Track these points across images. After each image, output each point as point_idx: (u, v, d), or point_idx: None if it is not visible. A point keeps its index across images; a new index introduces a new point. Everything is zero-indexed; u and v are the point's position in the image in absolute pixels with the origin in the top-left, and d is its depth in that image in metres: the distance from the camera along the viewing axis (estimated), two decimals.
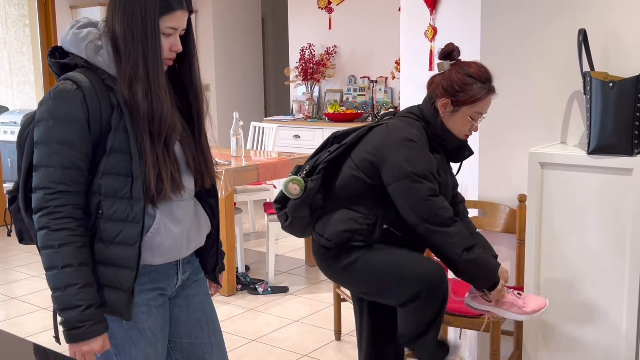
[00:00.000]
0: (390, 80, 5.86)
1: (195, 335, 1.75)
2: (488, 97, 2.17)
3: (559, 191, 2.36)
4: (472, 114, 2.18)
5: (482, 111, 2.20)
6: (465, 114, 2.17)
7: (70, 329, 1.45)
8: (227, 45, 7.15)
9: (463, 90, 2.15)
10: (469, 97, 2.14)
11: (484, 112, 2.21)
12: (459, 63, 2.21)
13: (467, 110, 2.16)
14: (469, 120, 2.18)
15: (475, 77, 2.15)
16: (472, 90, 2.14)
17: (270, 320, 3.69)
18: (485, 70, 2.18)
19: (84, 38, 1.55)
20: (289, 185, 2.20)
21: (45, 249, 1.46)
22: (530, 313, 2.20)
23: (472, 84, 2.14)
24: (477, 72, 2.16)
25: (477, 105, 2.16)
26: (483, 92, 2.15)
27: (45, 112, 1.49)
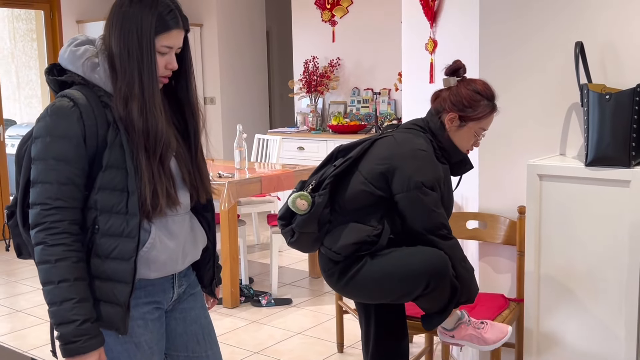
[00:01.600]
0: (394, 92, 5.88)
1: (192, 348, 1.75)
2: (492, 115, 2.29)
3: (557, 203, 2.36)
4: (476, 130, 2.28)
5: (486, 127, 2.32)
6: (471, 129, 2.26)
7: (66, 343, 1.46)
8: (232, 59, 7.20)
9: (471, 106, 2.24)
10: (476, 114, 2.24)
11: (486, 128, 2.32)
12: (466, 80, 2.30)
13: (473, 126, 2.26)
14: (473, 136, 2.29)
15: (483, 94, 2.25)
16: (480, 107, 2.24)
17: (274, 332, 3.69)
18: (490, 88, 2.29)
19: (81, 55, 1.58)
20: (296, 201, 2.22)
21: (42, 264, 1.48)
22: (491, 344, 2.27)
23: (480, 100, 2.24)
24: (484, 90, 2.26)
25: (482, 121, 2.27)
26: (489, 110, 2.26)
27: (42, 129, 1.51)
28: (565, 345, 2.42)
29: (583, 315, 2.37)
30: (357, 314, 3.19)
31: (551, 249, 2.40)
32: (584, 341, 2.38)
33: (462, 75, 2.31)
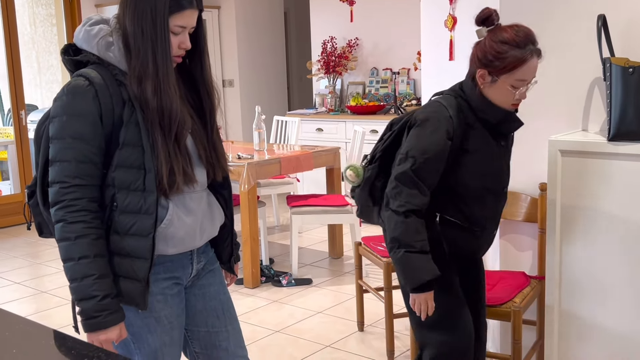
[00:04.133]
0: (413, 72, 5.83)
1: (211, 324, 1.77)
2: (528, 63, 1.96)
3: (579, 179, 2.33)
4: (513, 82, 1.99)
5: (525, 77, 1.99)
6: (505, 83, 1.99)
7: (87, 318, 1.49)
8: (250, 41, 7.18)
9: (497, 58, 1.97)
10: (504, 66, 1.97)
11: (527, 78, 1.99)
12: (496, 29, 2.02)
13: (506, 79, 1.98)
14: (512, 89, 1.99)
15: (511, 43, 1.96)
16: (508, 57, 1.96)
17: (294, 311, 3.71)
18: (524, 33, 1.97)
19: (95, 35, 1.58)
20: (346, 172, 2.20)
21: (62, 242, 1.50)
22: None
23: (507, 51, 1.96)
24: (513, 37, 1.97)
25: (517, 72, 1.97)
26: (520, 58, 1.95)
27: (59, 108, 1.53)
28: (586, 323, 2.40)
29: (605, 293, 2.34)
30: (377, 293, 3.19)
31: (573, 225, 2.38)
32: (606, 319, 2.36)
33: (494, 23, 2.02)
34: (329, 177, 4.71)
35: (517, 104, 2.07)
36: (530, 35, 1.98)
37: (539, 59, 1.99)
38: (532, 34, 1.99)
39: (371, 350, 3.16)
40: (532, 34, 1.99)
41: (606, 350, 2.37)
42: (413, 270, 1.99)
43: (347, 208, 4.21)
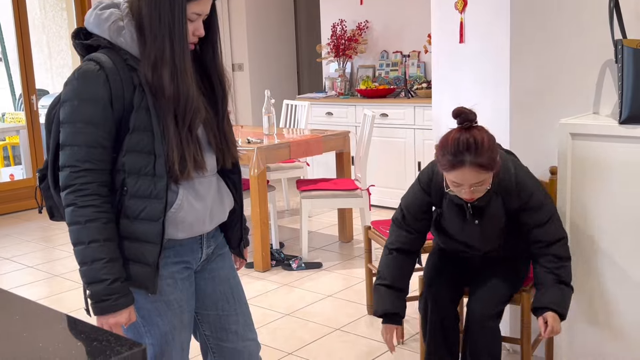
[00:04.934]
0: (423, 54, 5.79)
1: (221, 307, 1.78)
2: (457, 171, 2.08)
3: (590, 162, 2.32)
4: (449, 182, 2.15)
5: (459, 181, 2.12)
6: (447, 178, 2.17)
7: (97, 301, 1.50)
8: (259, 24, 7.15)
9: (438, 155, 2.14)
10: (441, 164, 2.14)
11: (461, 183, 2.11)
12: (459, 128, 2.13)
13: (446, 176, 2.16)
14: (453, 186, 2.15)
15: (447, 149, 2.09)
16: (442, 160, 2.11)
17: (304, 295, 3.73)
18: (463, 143, 2.06)
19: (106, 19, 1.57)
20: None
21: (72, 225, 1.51)
22: None
23: (444, 154, 2.10)
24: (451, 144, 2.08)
25: (450, 174, 2.12)
26: (450, 164, 2.09)
27: (70, 93, 1.53)
28: (596, 305, 2.40)
29: (615, 275, 2.34)
30: None
31: (584, 209, 2.36)
32: (616, 301, 2.35)
33: (463, 123, 2.11)
34: (339, 161, 4.71)
35: (469, 199, 2.17)
36: (470, 147, 2.04)
37: (478, 170, 2.06)
38: (472, 146, 2.04)
39: (380, 334, 3.16)
40: (475, 145, 2.04)
41: (615, 333, 2.37)
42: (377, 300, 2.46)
43: (357, 192, 4.21)
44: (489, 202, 2.24)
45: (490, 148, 2.08)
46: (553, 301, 2.21)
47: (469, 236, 2.34)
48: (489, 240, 2.33)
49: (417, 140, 5.33)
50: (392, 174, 5.53)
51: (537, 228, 2.25)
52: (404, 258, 2.42)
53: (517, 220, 2.27)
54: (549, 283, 2.24)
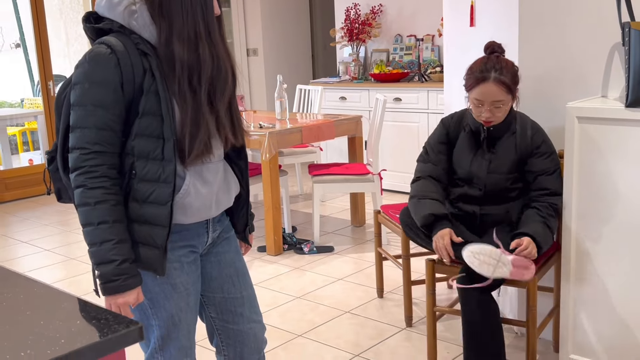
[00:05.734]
0: (437, 38, 5.76)
1: (227, 290, 1.82)
2: (481, 86, 2.35)
3: (597, 146, 2.31)
4: (473, 100, 2.41)
5: (481, 98, 2.37)
6: (470, 98, 2.43)
7: (106, 282, 1.53)
8: (274, 9, 7.15)
9: (465, 77, 2.44)
10: (466, 85, 2.42)
11: (483, 99, 2.36)
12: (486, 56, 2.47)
13: (470, 95, 2.42)
14: (473, 104, 2.42)
15: (473, 69, 2.40)
16: (468, 79, 2.41)
17: (315, 278, 3.77)
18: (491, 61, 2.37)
19: (118, 3, 1.59)
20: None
21: (81, 207, 1.53)
22: None
23: (470, 74, 2.41)
24: (477, 65, 2.40)
25: (473, 92, 2.39)
26: (475, 80, 2.37)
27: (80, 75, 1.55)
28: (602, 289, 2.41)
29: (622, 260, 2.34)
30: (396, 261, 3.23)
31: (590, 192, 2.36)
32: (622, 286, 2.36)
33: (493, 53, 2.44)
34: (351, 146, 4.72)
35: (486, 121, 2.42)
36: (495, 65, 2.35)
37: (500, 87, 2.34)
38: (497, 65, 2.35)
39: (390, 316, 3.20)
40: (499, 65, 2.35)
41: (621, 317, 2.38)
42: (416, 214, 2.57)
43: (369, 177, 4.23)
44: (503, 136, 2.46)
45: (514, 71, 2.37)
46: (537, 232, 2.34)
47: (477, 167, 2.48)
48: (494, 175, 2.46)
49: (431, 125, 5.32)
50: (406, 158, 5.53)
51: (543, 175, 2.44)
52: (435, 183, 2.55)
53: (525, 168, 2.46)
54: (537, 222, 2.37)
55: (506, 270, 2.25)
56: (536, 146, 2.44)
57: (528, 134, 2.45)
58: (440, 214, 2.42)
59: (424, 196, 2.50)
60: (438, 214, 2.42)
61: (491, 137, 2.47)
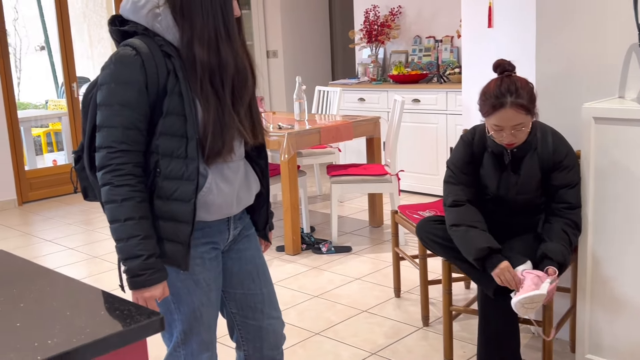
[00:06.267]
0: (456, 39, 5.78)
1: (247, 286, 1.86)
2: (500, 112, 2.27)
3: (614, 146, 2.32)
4: (491, 126, 2.33)
5: (500, 124, 2.29)
6: (488, 124, 2.36)
7: (133, 276, 1.58)
8: (293, 11, 7.21)
9: (479, 103, 2.35)
10: (483, 111, 2.33)
11: (502, 125, 2.28)
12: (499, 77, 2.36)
13: (487, 122, 2.35)
14: (492, 130, 2.33)
15: (489, 94, 2.30)
16: (484, 105, 2.32)
17: (333, 277, 3.81)
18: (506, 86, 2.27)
19: (143, 6, 1.64)
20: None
21: (108, 204, 1.59)
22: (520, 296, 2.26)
23: (485, 100, 2.31)
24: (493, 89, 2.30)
25: (491, 118, 2.31)
26: (492, 106, 2.28)
27: (107, 76, 1.60)
28: (618, 290, 2.41)
29: (638, 262, 2.35)
30: (413, 261, 3.25)
31: (607, 193, 2.38)
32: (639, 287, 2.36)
33: (503, 72, 2.34)
34: (369, 147, 4.76)
35: (509, 144, 2.35)
36: (510, 89, 2.25)
37: (518, 110, 2.25)
38: (513, 88, 2.25)
39: (406, 316, 3.23)
40: (515, 87, 2.26)
41: (638, 317, 2.38)
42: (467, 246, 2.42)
43: (386, 177, 4.26)
44: (526, 155, 2.40)
45: (530, 91, 2.28)
46: (565, 258, 2.33)
47: (504, 190, 2.44)
48: (522, 196, 2.44)
49: (450, 126, 5.34)
50: (424, 159, 5.55)
51: (565, 188, 2.39)
52: (475, 210, 2.45)
53: (547, 182, 2.41)
54: (561, 244, 2.34)
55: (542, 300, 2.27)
56: (559, 160, 2.38)
57: (549, 144, 2.40)
58: (495, 247, 2.34)
59: (472, 226, 2.40)
60: (494, 247, 2.33)
61: (515, 157, 2.42)
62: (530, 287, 2.22)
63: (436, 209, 3.40)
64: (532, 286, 2.22)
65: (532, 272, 2.27)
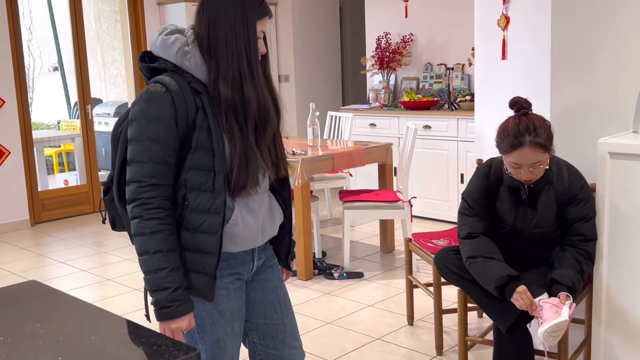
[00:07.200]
0: (467, 67, 5.84)
1: (269, 316, 1.90)
2: (519, 151, 2.30)
3: (628, 181, 2.36)
4: (509, 164, 2.37)
5: (518, 162, 2.33)
6: (506, 161, 2.40)
7: (160, 308, 1.62)
8: (305, 36, 7.30)
9: (498, 141, 2.39)
10: (501, 149, 2.37)
11: (521, 162, 2.33)
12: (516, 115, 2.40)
13: (505, 159, 2.39)
14: (511, 167, 2.37)
15: (507, 132, 2.34)
16: (502, 143, 2.35)
17: (345, 304, 3.83)
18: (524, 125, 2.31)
19: (172, 44, 1.70)
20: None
21: (138, 236, 1.63)
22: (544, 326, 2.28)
23: (504, 138, 2.35)
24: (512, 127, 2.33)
25: (510, 156, 2.34)
26: (511, 145, 2.32)
27: (138, 112, 1.65)
28: (634, 322, 2.43)
29: None
30: (426, 289, 3.28)
31: (622, 227, 2.41)
32: None
33: (519, 110, 2.38)
34: (381, 173, 4.80)
35: (526, 180, 2.39)
36: (529, 128, 2.28)
37: (537, 149, 2.29)
38: (531, 127, 2.28)
39: (420, 344, 3.24)
40: (533, 126, 2.29)
41: None
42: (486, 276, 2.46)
43: (399, 204, 4.29)
44: (543, 190, 2.43)
45: (547, 129, 2.32)
46: (577, 285, 2.36)
47: (521, 224, 2.47)
48: (539, 229, 2.46)
49: (460, 152, 5.38)
50: (435, 185, 5.59)
51: (580, 221, 2.42)
52: (490, 241, 2.50)
53: (563, 215, 2.45)
54: (572, 268, 2.38)
55: None
56: (575, 194, 2.42)
57: (565, 179, 2.43)
58: (514, 275, 2.38)
59: (489, 257, 2.44)
60: (513, 275, 2.38)
61: (532, 192, 2.45)
62: (551, 316, 2.25)
63: (449, 237, 3.43)
64: (553, 315, 2.25)
65: (549, 301, 2.30)
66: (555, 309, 2.27)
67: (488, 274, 2.41)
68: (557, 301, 2.29)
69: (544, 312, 2.27)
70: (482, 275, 2.43)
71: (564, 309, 2.26)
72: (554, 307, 2.28)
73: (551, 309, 2.27)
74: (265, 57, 1.77)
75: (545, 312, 2.27)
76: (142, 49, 6.72)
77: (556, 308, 2.27)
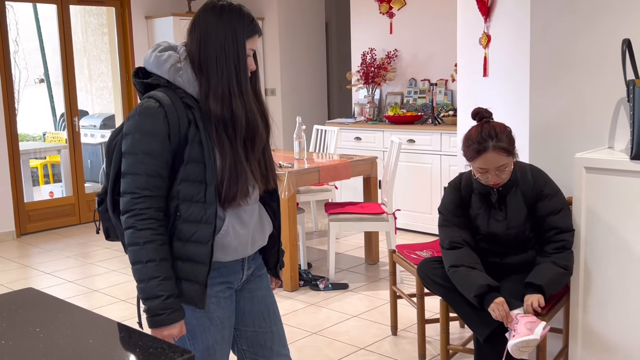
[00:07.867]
0: (450, 83, 5.96)
1: (258, 324, 1.96)
2: (483, 156, 2.45)
3: (603, 195, 2.45)
4: (476, 170, 2.51)
5: (484, 166, 2.46)
6: (473, 168, 2.54)
7: (152, 315, 1.67)
8: (292, 51, 7.40)
9: (463, 149, 2.55)
10: (468, 156, 2.52)
11: (487, 167, 2.46)
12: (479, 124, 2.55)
13: (472, 166, 2.53)
14: (478, 172, 2.51)
15: (472, 139, 2.49)
16: (468, 150, 2.50)
17: (331, 314, 3.89)
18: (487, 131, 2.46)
19: (165, 60, 1.77)
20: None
21: (131, 246, 1.69)
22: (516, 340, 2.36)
23: (469, 145, 2.50)
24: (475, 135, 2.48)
25: (476, 162, 2.48)
26: (476, 151, 2.46)
27: (132, 127, 1.72)
28: (609, 333, 2.52)
29: (628, 306, 2.46)
30: (410, 299, 3.35)
31: (597, 240, 2.50)
32: (630, 331, 2.47)
33: (482, 120, 2.54)
34: (366, 186, 4.88)
35: (494, 184, 2.53)
36: (491, 134, 2.44)
37: (500, 153, 2.44)
38: (493, 133, 2.44)
39: (404, 354, 3.31)
40: (495, 132, 2.45)
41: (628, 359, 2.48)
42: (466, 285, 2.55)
43: (383, 216, 4.37)
44: (510, 192, 2.56)
45: (508, 134, 2.48)
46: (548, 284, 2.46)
47: (495, 227, 2.58)
48: (512, 230, 2.57)
49: (444, 166, 5.48)
50: (418, 198, 5.68)
51: (551, 215, 2.54)
52: (471, 252, 2.60)
53: (534, 213, 2.56)
54: (548, 272, 2.49)
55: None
56: (540, 190, 2.55)
57: (529, 179, 2.56)
58: (493, 285, 2.48)
59: (471, 267, 2.54)
60: (492, 285, 2.47)
61: (501, 195, 2.57)
62: (524, 332, 2.33)
63: (432, 248, 3.51)
64: (526, 331, 2.33)
65: (525, 317, 2.38)
66: (530, 325, 2.35)
67: (469, 283, 2.49)
68: (534, 319, 2.38)
69: (518, 326, 2.35)
70: (463, 283, 2.52)
71: (538, 328, 2.34)
72: (529, 324, 2.36)
73: (526, 325, 2.35)
74: (255, 74, 1.85)
75: (519, 326, 2.35)
76: (129, 62, 6.78)
77: (531, 325, 2.36)
